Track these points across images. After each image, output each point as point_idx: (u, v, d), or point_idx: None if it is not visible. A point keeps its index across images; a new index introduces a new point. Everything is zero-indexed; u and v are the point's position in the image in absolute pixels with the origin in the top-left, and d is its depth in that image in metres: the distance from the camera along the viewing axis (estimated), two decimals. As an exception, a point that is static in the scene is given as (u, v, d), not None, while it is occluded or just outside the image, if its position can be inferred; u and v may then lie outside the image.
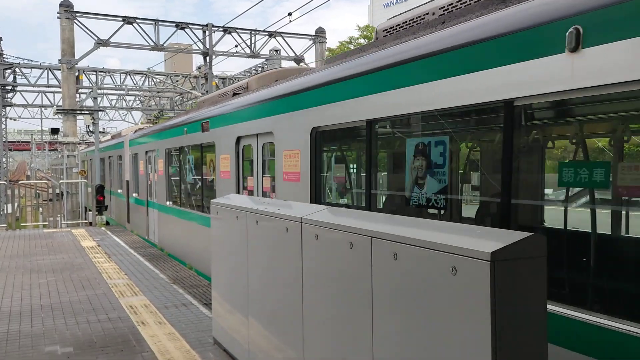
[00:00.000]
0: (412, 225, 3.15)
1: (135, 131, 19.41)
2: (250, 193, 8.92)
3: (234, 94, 10.64)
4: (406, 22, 5.86)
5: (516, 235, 2.44)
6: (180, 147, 12.76)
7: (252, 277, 5.04)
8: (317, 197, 6.73)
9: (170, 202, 13.93)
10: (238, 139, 9.16)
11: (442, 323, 2.63)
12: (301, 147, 6.94)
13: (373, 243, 3.17)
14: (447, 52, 4.42)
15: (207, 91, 26.81)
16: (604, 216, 4.15)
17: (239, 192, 9.21)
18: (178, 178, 13.35)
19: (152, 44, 24.51)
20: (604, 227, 4.14)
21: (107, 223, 22.77)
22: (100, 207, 20.62)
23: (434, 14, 5.50)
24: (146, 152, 16.32)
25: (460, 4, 5.26)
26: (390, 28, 6.17)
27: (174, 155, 13.47)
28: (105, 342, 6.25)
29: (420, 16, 5.74)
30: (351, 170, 7.18)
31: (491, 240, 2.47)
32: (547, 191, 4.61)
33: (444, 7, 5.40)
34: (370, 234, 3.20)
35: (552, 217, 4.66)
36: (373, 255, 3.17)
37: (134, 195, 18.42)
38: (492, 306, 2.32)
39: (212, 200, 6.14)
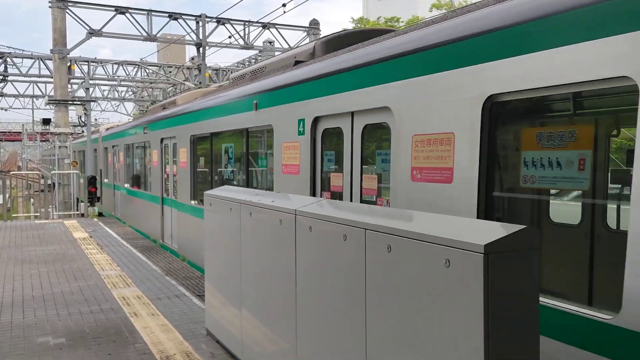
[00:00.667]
0: (406, 218, 3.17)
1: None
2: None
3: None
4: None
5: (510, 228, 2.45)
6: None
7: (245, 269, 5.04)
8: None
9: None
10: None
11: (436, 314, 2.64)
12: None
13: (367, 235, 3.18)
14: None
15: (200, 82, 26.69)
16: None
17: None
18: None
19: (144, 34, 24.34)
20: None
21: (101, 214, 22.69)
22: (92, 199, 20.53)
23: None
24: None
25: None
26: None
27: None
28: (97, 333, 6.24)
29: None
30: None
31: (485, 233, 2.48)
32: None
33: None
34: (364, 226, 3.21)
35: None
36: (367, 247, 3.18)
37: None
38: (485, 298, 2.34)
39: (205, 192, 6.13)
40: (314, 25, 28.55)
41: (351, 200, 5.97)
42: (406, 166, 4.93)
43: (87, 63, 32.56)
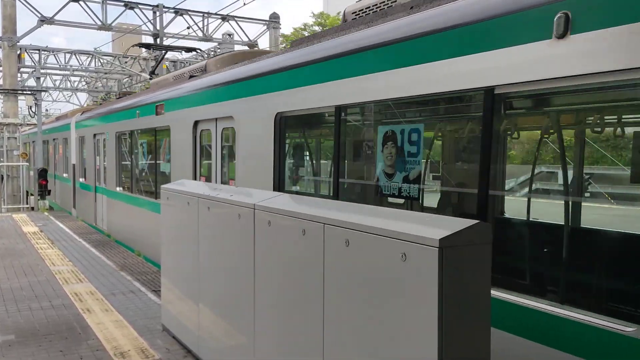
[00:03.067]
0: (364, 213, 3.21)
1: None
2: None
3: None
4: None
5: (463, 223, 2.53)
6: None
7: (203, 264, 5.00)
8: None
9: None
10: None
11: (392, 307, 2.69)
12: None
13: (325, 230, 3.20)
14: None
15: (157, 74, 26.14)
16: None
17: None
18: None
19: (99, 23, 23.65)
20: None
21: (51, 208, 21.99)
22: (43, 192, 19.87)
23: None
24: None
25: None
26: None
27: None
28: (48, 329, 6.07)
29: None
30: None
31: (440, 227, 2.55)
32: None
33: None
34: (323, 221, 3.24)
35: None
36: (325, 241, 3.21)
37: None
38: (439, 290, 2.40)
39: (162, 186, 6.04)
40: (274, 18, 28.37)
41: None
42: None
43: (38, 52, 31.37)
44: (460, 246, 2.46)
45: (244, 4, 20.78)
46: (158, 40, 25.16)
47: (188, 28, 26.05)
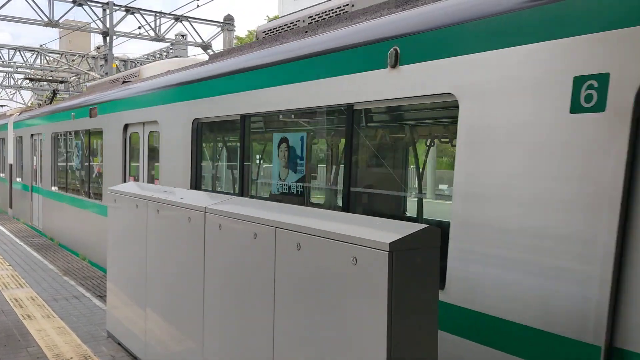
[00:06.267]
0: (315, 216, 3.22)
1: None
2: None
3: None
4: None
5: (413, 227, 2.57)
6: None
7: (151, 268, 4.89)
8: None
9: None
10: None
11: (342, 311, 2.71)
12: None
13: (277, 233, 3.19)
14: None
15: (106, 73, 25.47)
16: None
17: None
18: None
19: (45, 19, 22.85)
20: None
21: None
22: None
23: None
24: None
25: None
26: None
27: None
28: (-15, 337, 5.79)
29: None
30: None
31: (389, 231, 2.58)
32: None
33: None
34: (274, 224, 3.23)
35: None
36: (277, 245, 3.20)
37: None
38: (389, 293, 2.43)
39: (109, 188, 5.88)
40: (229, 20, 28.14)
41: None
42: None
43: (-22, 46, 30.02)
44: (410, 250, 2.50)
45: (198, 6, 20.54)
46: (107, 38, 24.53)
47: (139, 28, 25.50)
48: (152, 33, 26.06)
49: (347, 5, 5.47)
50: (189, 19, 26.77)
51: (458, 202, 3.60)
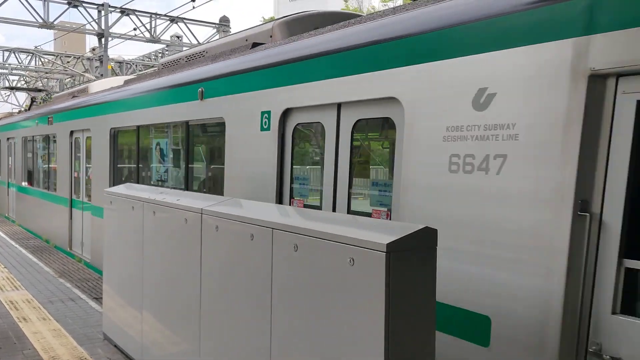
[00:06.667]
0: (313, 217, 3.22)
1: None
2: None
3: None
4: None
5: (410, 228, 2.57)
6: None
7: (147, 270, 4.88)
8: None
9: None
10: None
11: (340, 312, 2.71)
12: None
13: (274, 235, 3.19)
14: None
15: (101, 74, 25.39)
16: None
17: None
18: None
19: (40, 21, 22.77)
20: None
21: None
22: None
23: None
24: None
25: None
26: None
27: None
28: (-20, 340, 5.76)
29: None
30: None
31: (387, 232, 2.58)
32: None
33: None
34: (271, 226, 3.22)
35: None
36: (274, 246, 3.20)
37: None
38: (386, 294, 2.44)
39: (105, 189, 5.86)
40: (224, 22, 28.12)
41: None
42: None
43: (-27, 48, 29.87)
44: (407, 250, 2.50)
45: (193, 7, 20.51)
46: (103, 40, 24.46)
47: (135, 29, 25.44)
48: (147, 34, 26.01)
49: (204, 52, 7.75)
50: (185, 20, 26.74)
51: None
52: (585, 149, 2.89)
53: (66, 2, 23.63)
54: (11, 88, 26.57)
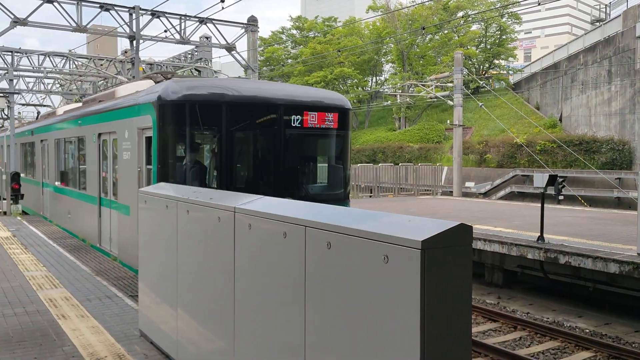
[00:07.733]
0: (346, 215, 3.21)
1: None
2: None
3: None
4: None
5: (445, 225, 2.54)
6: None
7: (182, 268, 4.95)
8: None
9: None
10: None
11: (374, 310, 2.69)
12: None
13: (307, 232, 3.19)
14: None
15: (133, 76, 25.84)
16: None
17: None
18: None
19: (74, 25, 23.28)
20: None
21: (25, 213, 21.53)
22: (16, 196, 19.45)
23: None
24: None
25: None
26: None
27: None
28: (22, 336, 5.93)
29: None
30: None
31: (422, 229, 2.56)
32: None
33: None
34: (304, 224, 3.23)
35: None
36: (307, 244, 3.20)
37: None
38: (421, 292, 2.41)
39: (140, 189, 5.97)
40: (252, 22, 28.27)
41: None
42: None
43: (10, 53, 30.74)
44: (442, 247, 2.47)
45: (222, 8, 20.67)
46: (134, 42, 24.85)
47: (165, 31, 25.78)
48: (177, 36, 26.32)
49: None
50: (214, 21, 26.96)
51: None
52: None
53: (98, 5, 24.09)
54: (26, 104, 32.15)
